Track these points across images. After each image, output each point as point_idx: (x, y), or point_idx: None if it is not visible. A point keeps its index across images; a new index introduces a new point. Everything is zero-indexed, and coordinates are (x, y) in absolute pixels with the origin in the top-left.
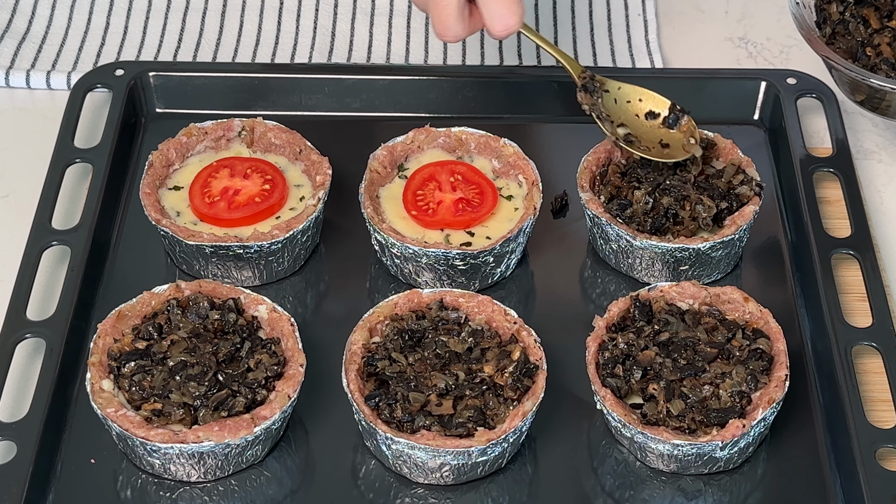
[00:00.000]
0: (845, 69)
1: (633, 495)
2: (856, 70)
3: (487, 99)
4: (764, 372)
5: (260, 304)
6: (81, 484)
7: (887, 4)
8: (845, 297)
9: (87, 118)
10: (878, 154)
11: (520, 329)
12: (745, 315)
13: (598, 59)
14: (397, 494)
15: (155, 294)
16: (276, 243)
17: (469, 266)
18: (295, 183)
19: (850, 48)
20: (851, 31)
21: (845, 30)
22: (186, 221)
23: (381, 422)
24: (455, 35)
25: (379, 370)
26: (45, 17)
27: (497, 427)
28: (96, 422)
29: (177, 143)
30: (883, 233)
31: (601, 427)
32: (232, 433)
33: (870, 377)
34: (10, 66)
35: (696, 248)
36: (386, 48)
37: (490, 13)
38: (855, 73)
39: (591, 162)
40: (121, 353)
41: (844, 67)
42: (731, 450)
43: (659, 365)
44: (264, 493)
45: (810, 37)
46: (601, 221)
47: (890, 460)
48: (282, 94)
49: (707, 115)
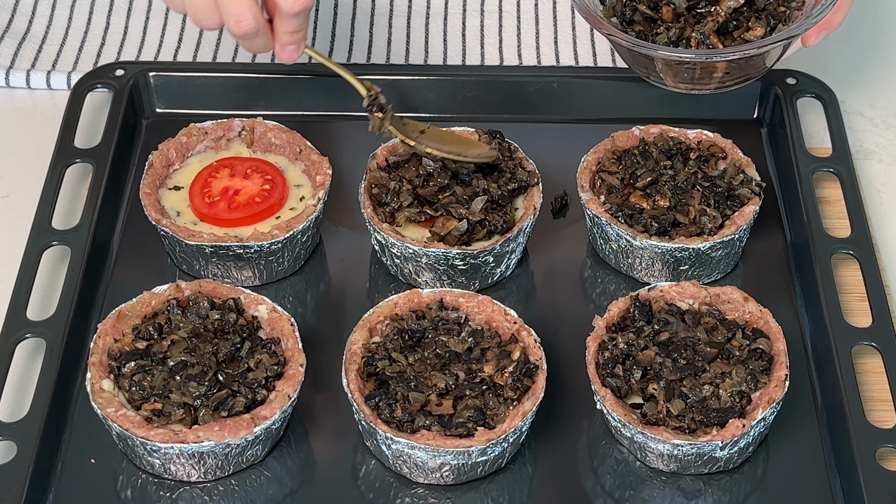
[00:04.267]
0: (631, 45)
1: (633, 495)
2: (644, 45)
3: (487, 99)
4: (764, 372)
5: (260, 304)
6: (81, 484)
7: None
8: (845, 297)
9: (87, 118)
10: (878, 154)
11: (520, 329)
12: (744, 315)
13: (599, 60)
14: (397, 494)
15: (155, 294)
16: (276, 243)
17: (469, 266)
18: (295, 183)
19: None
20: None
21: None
22: (186, 221)
23: (381, 422)
24: (256, 19)
25: (379, 370)
26: (45, 17)
27: (497, 427)
28: (96, 422)
29: (177, 143)
30: (883, 233)
31: (601, 427)
32: (232, 433)
33: (870, 377)
34: (10, 66)
35: (695, 248)
36: (386, 48)
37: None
38: (644, 49)
39: (591, 162)
40: (121, 353)
41: (629, 43)
42: (731, 450)
43: (659, 365)
44: (264, 493)
45: (593, 20)
46: (601, 221)
47: (890, 460)
48: (282, 94)
49: (707, 114)
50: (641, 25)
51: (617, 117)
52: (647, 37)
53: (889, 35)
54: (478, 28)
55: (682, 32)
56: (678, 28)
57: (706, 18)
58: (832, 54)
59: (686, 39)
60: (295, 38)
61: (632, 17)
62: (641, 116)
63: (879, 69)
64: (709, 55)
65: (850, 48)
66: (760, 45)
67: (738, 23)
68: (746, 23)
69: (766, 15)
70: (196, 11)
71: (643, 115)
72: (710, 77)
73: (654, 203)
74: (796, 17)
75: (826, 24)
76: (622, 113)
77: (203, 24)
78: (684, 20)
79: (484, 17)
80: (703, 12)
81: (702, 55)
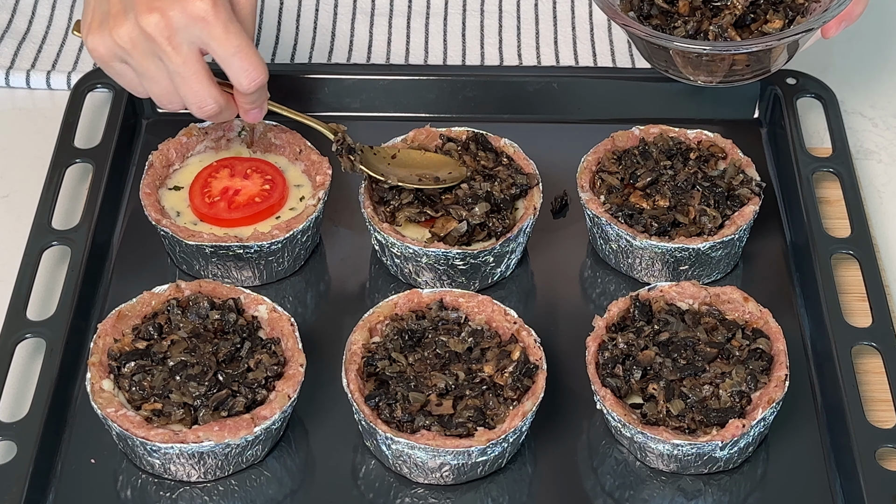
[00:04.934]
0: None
1: (633, 495)
2: (660, 36)
3: (487, 99)
4: (764, 372)
5: (260, 304)
6: (81, 484)
7: None
8: (845, 297)
9: (87, 118)
10: (878, 154)
11: (520, 329)
12: (744, 315)
13: (598, 60)
14: (397, 494)
15: (155, 294)
16: (276, 243)
17: (469, 266)
18: (295, 183)
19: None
20: None
21: None
22: (186, 221)
23: (381, 422)
24: (217, 102)
25: (379, 370)
26: (45, 17)
27: (497, 427)
28: (96, 422)
29: (177, 143)
30: (883, 233)
31: (601, 427)
32: (232, 433)
33: (870, 377)
34: (10, 66)
35: (695, 248)
36: (386, 48)
37: (234, 71)
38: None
39: (591, 162)
40: (121, 353)
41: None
42: (731, 450)
43: (659, 365)
44: (264, 493)
45: (611, 11)
46: (601, 221)
47: (890, 460)
48: (282, 94)
49: (707, 114)
50: (658, 19)
51: (617, 117)
52: (664, 30)
53: (889, 35)
54: (478, 28)
55: (699, 26)
56: (695, 21)
57: (723, 11)
58: (832, 54)
59: (704, 33)
60: (256, 104)
61: (649, 12)
62: (641, 116)
63: (879, 69)
64: (726, 48)
65: (850, 48)
66: (780, 37)
67: (756, 15)
68: (764, 15)
69: (784, 7)
70: (159, 98)
71: (643, 115)
72: (729, 69)
73: (654, 203)
74: (814, 9)
75: (846, 15)
76: (622, 113)
77: (167, 108)
78: (701, 13)
79: (484, 17)
80: (719, 5)
81: (719, 48)
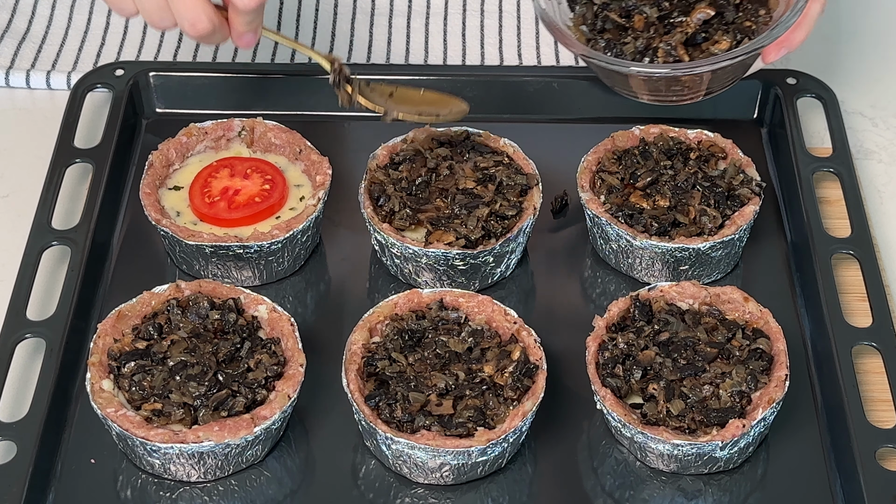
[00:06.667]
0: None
1: (633, 495)
2: (616, 62)
3: (487, 99)
4: (764, 372)
5: (260, 304)
6: (81, 484)
7: None
8: (845, 297)
9: (87, 118)
10: (878, 154)
11: (520, 329)
12: (745, 315)
13: None
14: (397, 494)
15: (155, 294)
16: (276, 243)
17: (469, 266)
18: (295, 183)
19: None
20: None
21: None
22: (186, 221)
23: (381, 422)
24: (211, 20)
25: (379, 370)
26: (45, 17)
27: (497, 427)
28: (96, 422)
29: (177, 143)
30: (883, 233)
31: (601, 427)
32: (232, 433)
33: (870, 377)
34: (10, 66)
35: (695, 248)
36: (386, 48)
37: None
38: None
39: (591, 162)
40: (121, 353)
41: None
42: (731, 450)
43: (659, 365)
44: (264, 493)
45: (559, 35)
46: (601, 221)
47: (890, 460)
48: (282, 94)
49: (707, 114)
50: (611, 34)
51: (617, 117)
52: (615, 45)
53: (889, 35)
54: (478, 28)
55: (649, 42)
56: (646, 38)
57: (676, 29)
58: (832, 54)
59: (654, 49)
60: (251, 27)
61: (603, 26)
62: (641, 116)
63: (879, 69)
64: (676, 69)
65: (850, 48)
66: (718, 59)
67: (708, 34)
68: (714, 35)
69: (734, 29)
70: (150, 14)
71: (643, 115)
72: (684, 88)
73: (654, 203)
74: (763, 31)
75: (786, 41)
76: (622, 113)
77: (157, 26)
78: (654, 30)
79: (484, 17)
80: (674, 22)
81: (680, 69)
